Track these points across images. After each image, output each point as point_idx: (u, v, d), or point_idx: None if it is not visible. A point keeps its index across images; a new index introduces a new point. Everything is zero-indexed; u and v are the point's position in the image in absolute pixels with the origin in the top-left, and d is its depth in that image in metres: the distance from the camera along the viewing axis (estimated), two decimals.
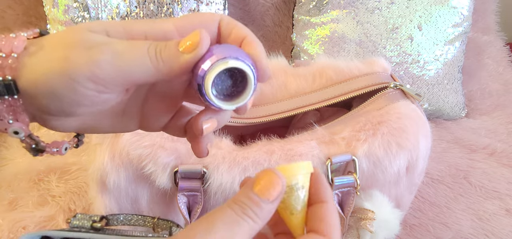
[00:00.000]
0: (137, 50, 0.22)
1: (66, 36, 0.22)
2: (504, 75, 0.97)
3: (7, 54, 0.22)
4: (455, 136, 0.83)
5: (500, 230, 0.62)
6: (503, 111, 0.90)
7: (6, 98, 0.22)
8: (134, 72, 0.22)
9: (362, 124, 0.47)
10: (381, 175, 0.47)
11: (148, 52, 0.22)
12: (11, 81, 0.22)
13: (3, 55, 0.22)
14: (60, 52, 0.22)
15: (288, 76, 0.52)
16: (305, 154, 0.45)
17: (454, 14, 0.85)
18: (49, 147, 0.27)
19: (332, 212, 0.24)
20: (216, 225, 0.20)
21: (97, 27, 0.23)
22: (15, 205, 0.63)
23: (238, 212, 0.21)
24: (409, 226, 0.63)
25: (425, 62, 0.84)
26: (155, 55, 0.22)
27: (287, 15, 0.98)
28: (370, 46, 0.84)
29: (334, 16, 0.85)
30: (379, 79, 0.51)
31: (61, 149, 0.27)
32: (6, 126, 0.23)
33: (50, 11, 0.80)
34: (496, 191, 0.69)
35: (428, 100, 0.86)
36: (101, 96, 0.23)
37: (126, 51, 0.22)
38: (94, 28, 0.23)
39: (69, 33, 0.23)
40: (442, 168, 0.74)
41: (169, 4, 0.82)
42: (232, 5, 0.95)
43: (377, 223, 0.46)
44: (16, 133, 0.23)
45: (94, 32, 0.23)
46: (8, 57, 0.22)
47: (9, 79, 0.22)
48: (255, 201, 0.22)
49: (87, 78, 0.21)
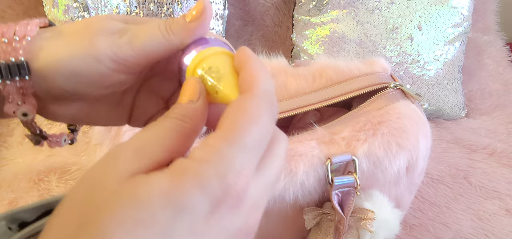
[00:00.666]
0: (150, 29, 0.24)
1: (90, 24, 0.24)
2: (504, 75, 0.97)
3: (20, 37, 0.23)
4: (455, 136, 0.83)
5: (500, 230, 0.62)
6: (503, 111, 0.90)
7: (16, 80, 0.23)
8: (149, 49, 0.24)
9: (362, 123, 0.47)
10: (381, 175, 0.47)
11: (160, 28, 0.24)
12: (24, 62, 0.23)
13: (17, 39, 0.23)
14: (84, 37, 0.24)
15: (288, 76, 0.52)
16: (305, 154, 0.45)
17: (454, 14, 0.85)
18: (51, 137, 0.28)
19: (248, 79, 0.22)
20: (147, 131, 0.20)
21: (117, 16, 0.25)
22: (15, 205, 0.63)
23: (167, 117, 0.21)
24: (409, 226, 0.63)
25: (425, 62, 0.84)
26: (166, 30, 0.24)
27: (287, 15, 0.98)
28: (370, 46, 0.84)
29: (334, 16, 0.85)
30: (379, 79, 0.51)
31: (60, 141, 0.29)
32: (15, 107, 0.24)
33: (50, 11, 0.80)
34: (496, 191, 0.69)
35: (428, 100, 0.86)
36: (119, 76, 0.25)
37: (141, 32, 0.24)
38: (114, 17, 0.25)
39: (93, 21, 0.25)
40: (442, 168, 0.74)
41: (169, 4, 0.82)
42: (232, 5, 0.95)
43: (377, 223, 0.46)
44: (24, 115, 0.24)
45: (115, 20, 0.25)
46: (22, 40, 0.23)
47: (22, 60, 0.23)
48: (175, 105, 0.22)
49: (110, 59, 0.24)
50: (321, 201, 0.48)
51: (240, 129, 0.19)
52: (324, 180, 0.46)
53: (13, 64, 0.23)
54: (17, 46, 0.23)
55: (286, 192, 0.44)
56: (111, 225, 0.17)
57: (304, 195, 0.45)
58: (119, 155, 0.19)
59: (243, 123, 0.19)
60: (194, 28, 0.24)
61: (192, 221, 0.18)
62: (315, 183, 0.45)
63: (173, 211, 0.17)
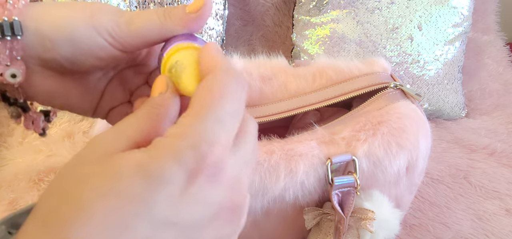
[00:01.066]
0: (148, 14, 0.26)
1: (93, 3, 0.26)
2: (504, 75, 0.97)
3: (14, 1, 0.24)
4: (455, 136, 0.83)
5: (500, 230, 0.62)
6: (503, 111, 0.90)
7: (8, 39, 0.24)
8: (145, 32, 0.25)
9: (362, 123, 0.47)
10: (381, 175, 0.47)
11: (158, 14, 0.26)
12: (18, 22, 0.24)
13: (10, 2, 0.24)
14: (86, 9, 0.25)
15: (288, 76, 0.52)
16: (305, 154, 0.45)
17: (454, 14, 0.85)
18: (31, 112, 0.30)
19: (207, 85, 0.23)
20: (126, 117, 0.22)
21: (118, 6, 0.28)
22: (15, 205, 0.63)
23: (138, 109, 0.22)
24: (409, 226, 0.63)
25: (425, 62, 0.84)
26: (163, 16, 0.25)
27: (287, 15, 0.98)
28: (370, 46, 0.84)
29: (334, 16, 0.85)
30: (379, 79, 0.51)
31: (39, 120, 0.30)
32: (3, 69, 0.24)
33: None
34: (496, 191, 0.69)
35: (428, 100, 0.86)
36: (114, 51, 0.26)
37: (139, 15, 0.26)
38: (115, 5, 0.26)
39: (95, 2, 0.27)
40: (442, 168, 0.74)
41: (169, 4, 0.82)
42: (232, 5, 0.95)
43: (377, 223, 0.46)
44: (13, 77, 0.25)
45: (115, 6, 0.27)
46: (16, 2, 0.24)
47: (16, 19, 0.23)
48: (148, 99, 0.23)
49: (108, 32, 0.25)
50: (321, 201, 0.48)
51: (210, 104, 0.20)
52: (324, 180, 0.46)
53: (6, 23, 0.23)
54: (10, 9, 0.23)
55: (286, 192, 0.44)
56: (90, 195, 0.17)
57: (304, 195, 0.45)
58: (100, 138, 0.20)
59: (212, 99, 0.20)
60: (191, 20, 0.25)
61: (170, 192, 0.18)
62: (315, 183, 0.45)
63: (150, 182, 0.18)
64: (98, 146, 0.20)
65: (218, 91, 0.20)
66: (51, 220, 0.17)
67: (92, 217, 0.17)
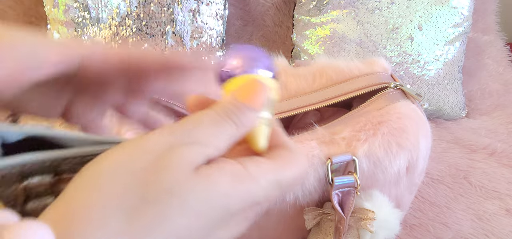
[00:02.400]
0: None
1: None
2: (504, 75, 0.97)
3: None
4: (455, 136, 0.83)
5: (500, 230, 0.62)
6: (503, 111, 0.90)
7: None
8: None
9: (362, 124, 0.47)
10: (381, 175, 0.47)
11: None
12: None
13: None
14: None
15: (288, 76, 0.52)
16: (305, 154, 0.45)
17: (454, 14, 0.85)
18: None
19: None
20: (203, 122, 0.21)
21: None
22: None
23: (222, 114, 0.21)
24: (409, 226, 0.63)
25: (425, 62, 0.85)
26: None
27: (287, 15, 0.98)
28: (370, 46, 0.84)
29: (334, 16, 0.86)
30: (379, 79, 0.51)
31: None
32: None
33: (51, 11, 0.80)
34: (496, 191, 0.69)
35: (428, 100, 0.86)
36: None
37: None
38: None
39: None
40: (442, 168, 0.74)
41: (169, 4, 0.82)
42: (232, 5, 0.95)
43: (377, 223, 0.46)
44: None
45: None
46: None
47: None
48: (239, 106, 0.22)
49: None
50: (321, 201, 0.48)
51: (287, 177, 0.22)
52: (324, 180, 0.46)
53: None
54: None
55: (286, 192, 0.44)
56: (180, 210, 0.18)
57: (304, 195, 0.45)
58: (182, 148, 0.20)
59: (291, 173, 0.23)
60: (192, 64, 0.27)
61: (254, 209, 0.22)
62: (315, 183, 0.45)
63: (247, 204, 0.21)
64: (183, 155, 0.20)
65: (298, 171, 0.23)
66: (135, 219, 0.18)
67: None
